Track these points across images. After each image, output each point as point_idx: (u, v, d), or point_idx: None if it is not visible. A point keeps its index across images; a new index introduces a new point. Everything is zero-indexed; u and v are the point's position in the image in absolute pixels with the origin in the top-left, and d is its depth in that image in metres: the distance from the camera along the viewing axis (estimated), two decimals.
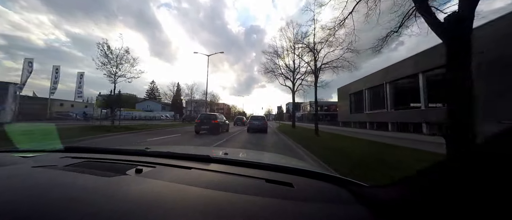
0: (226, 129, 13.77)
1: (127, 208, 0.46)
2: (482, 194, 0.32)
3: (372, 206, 0.55)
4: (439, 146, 4.58)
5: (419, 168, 0.47)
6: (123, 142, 7.48)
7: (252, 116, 16.36)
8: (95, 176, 0.68)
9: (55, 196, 0.51)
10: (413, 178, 0.50)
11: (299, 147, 6.94)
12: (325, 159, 4.44)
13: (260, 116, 15.15)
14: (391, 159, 4.47)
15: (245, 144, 7.77)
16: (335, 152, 5.45)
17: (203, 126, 11.14)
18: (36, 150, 1.12)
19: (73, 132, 8.46)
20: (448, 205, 0.36)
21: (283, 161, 1.36)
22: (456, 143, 2.61)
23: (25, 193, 0.52)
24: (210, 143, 7.57)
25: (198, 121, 11.47)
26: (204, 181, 0.72)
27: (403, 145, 7.42)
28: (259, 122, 13.70)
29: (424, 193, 0.44)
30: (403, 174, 0.66)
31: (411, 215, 0.43)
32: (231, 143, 7.98)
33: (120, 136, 8.89)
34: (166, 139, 8.82)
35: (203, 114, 12.47)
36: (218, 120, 11.60)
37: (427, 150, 5.86)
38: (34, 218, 0.41)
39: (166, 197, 0.54)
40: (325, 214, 0.52)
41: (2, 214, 0.41)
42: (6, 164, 0.79)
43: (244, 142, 8.44)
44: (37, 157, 0.98)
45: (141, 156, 1.07)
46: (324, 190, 0.72)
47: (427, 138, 10.86)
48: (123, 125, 13.38)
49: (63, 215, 0.42)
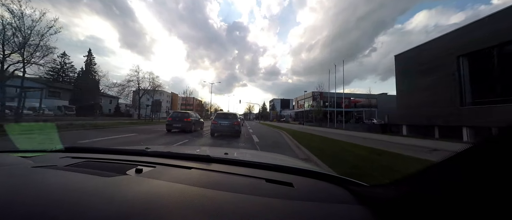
0: (200, 127, 12.77)
1: (127, 208, 0.46)
2: (482, 194, 0.32)
3: (372, 206, 0.55)
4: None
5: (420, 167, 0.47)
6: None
7: (218, 112, 11.16)
8: (95, 176, 0.67)
9: (55, 196, 0.51)
10: (413, 178, 0.49)
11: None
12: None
13: (230, 113, 10.71)
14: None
15: (211, 142, 7.45)
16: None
17: (175, 124, 10.71)
18: (36, 150, 1.13)
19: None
20: (448, 205, 0.36)
21: (283, 161, 1.33)
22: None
23: (25, 193, 0.52)
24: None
25: (170, 118, 10.94)
26: (204, 181, 0.72)
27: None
28: (228, 122, 9.38)
29: (424, 193, 0.44)
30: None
31: (411, 215, 0.43)
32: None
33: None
34: None
35: (175, 112, 11.85)
36: (191, 118, 11.11)
37: None
38: (34, 218, 0.41)
39: (166, 197, 0.54)
40: (325, 214, 0.52)
41: (2, 215, 0.41)
42: (5, 164, 0.79)
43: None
44: (37, 157, 0.99)
45: (141, 156, 1.08)
46: (324, 190, 0.72)
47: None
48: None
49: (63, 215, 0.42)
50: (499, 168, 0.31)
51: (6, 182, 0.59)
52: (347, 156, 4.88)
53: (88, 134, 8.12)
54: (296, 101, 59.59)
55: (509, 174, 0.29)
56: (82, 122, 13.24)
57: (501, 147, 0.32)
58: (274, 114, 76.59)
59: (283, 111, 76.29)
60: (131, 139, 7.64)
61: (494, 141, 0.34)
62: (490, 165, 0.33)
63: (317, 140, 8.48)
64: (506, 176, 0.30)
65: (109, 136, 7.90)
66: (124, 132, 9.73)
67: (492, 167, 0.32)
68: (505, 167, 0.30)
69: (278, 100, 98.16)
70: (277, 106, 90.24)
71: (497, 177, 0.31)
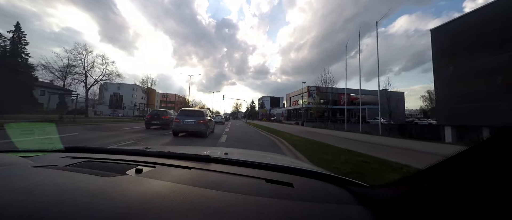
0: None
1: (127, 208, 0.47)
2: (482, 194, 0.32)
3: (372, 206, 0.55)
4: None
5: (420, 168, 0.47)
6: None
7: (181, 109, 9.52)
8: (95, 176, 0.68)
9: (55, 196, 0.51)
10: (413, 178, 0.50)
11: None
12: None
13: (196, 110, 9.31)
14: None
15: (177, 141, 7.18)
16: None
17: (154, 121, 11.34)
18: (36, 150, 1.13)
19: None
20: (449, 205, 0.36)
21: (283, 161, 1.34)
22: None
23: (25, 193, 0.52)
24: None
25: (148, 116, 11.59)
26: (204, 181, 0.73)
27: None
28: (192, 120, 8.32)
29: (424, 193, 0.44)
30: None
31: (411, 215, 0.43)
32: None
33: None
34: None
35: (154, 110, 12.47)
36: (169, 116, 11.65)
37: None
38: (34, 218, 0.41)
39: (166, 197, 0.54)
40: (325, 214, 0.52)
41: (2, 215, 0.41)
42: (5, 164, 0.79)
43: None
44: (37, 157, 0.99)
45: (141, 156, 1.09)
46: (324, 190, 0.72)
47: None
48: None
49: (63, 215, 0.42)
50: (500, 168, 0.31)
51: (6, 182, 0.59)
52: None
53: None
54: (288, 98, 52.02)
55: (509, 175, 0.29)
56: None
57: (501, 147, 0.32)
58: (264, 112, 69.48)
59: (273, 110, 71.27)
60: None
61: (495, 141, 0.33)
62: (490, 165, 0.33)
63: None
64: (506, 177, 0.30)
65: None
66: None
67: (493, 167, 0.32)
68: (506, 168, 0.30)
69: (268, 98, 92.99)
70: (267, 104, 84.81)
71: (497, 177, 0.31)
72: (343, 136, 11.44)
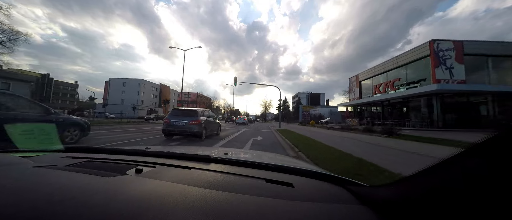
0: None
1: (127, 208, 0.47)
2: (483, 194, 0.32)
3: (372, 206, 0.55)
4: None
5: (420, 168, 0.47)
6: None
7: (173, 108, 8.77)
8: (95, 176, 0.68)
9: (55, 196, 0.51)
10: (413, 178, 0.49)
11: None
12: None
13: (189, 110, 8.24)
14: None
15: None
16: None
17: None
18: (36, 150, 1.13)
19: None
20: (449, 205, 0.36)
21: (283, 161, 1.34)
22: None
23: (25, 193, 0.52)
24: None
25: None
26: (204, 181, 0.72)
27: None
28: (184, 120, 7.46)
29: (424, 193, 0.44)
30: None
31: (411, 215, 0.43)
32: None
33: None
34: None
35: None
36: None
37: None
38: (34, 218, 0.41)
39: (166, 197, 0.54)
40: (325, 214, 0.52)
41: (2, 215, 0.41)
42: (5, 163, 0.78)
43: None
44: (37, 157, 0.98)
45: (141, 156, 1.08)
46: (324, 190, 0.72)
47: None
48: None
49: (63, 215, 0.42)
50: (500, 168, 0.31)
51: (6, 182, 0.59)
52: None
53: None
54: (356, 82, 28.82)
55: (509, 174, 0.29)
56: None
57: (502, 147, 0.32)
58: (306, 110, 50.41)
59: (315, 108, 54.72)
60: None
61: (495, 141, 0.33)
62: (490, 165, 0.32)
63: None
64: (506, 177, 0.30)
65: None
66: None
67: (493, 167, 0.32)
68: (506, 168, 0.30)
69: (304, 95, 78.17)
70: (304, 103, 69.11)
71: (498, 177, 0.31)
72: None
